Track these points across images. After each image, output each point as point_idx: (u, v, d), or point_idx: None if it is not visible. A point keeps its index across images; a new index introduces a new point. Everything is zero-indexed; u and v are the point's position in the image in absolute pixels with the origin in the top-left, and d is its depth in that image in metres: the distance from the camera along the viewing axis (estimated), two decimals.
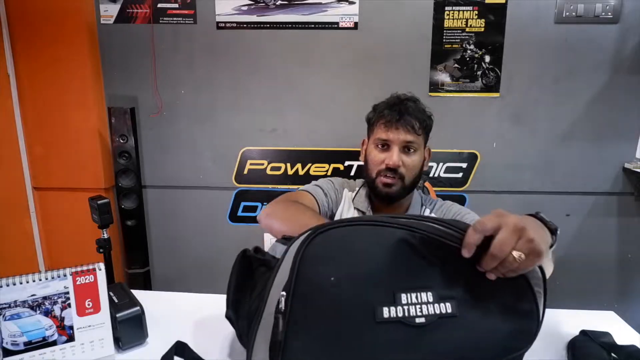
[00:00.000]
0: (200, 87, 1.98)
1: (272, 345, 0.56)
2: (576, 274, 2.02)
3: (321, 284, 0.55)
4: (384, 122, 1.07)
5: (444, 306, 0.57)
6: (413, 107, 1.08)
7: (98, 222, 1.49)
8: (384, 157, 1.06)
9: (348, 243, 0.58)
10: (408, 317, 0.55)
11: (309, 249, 0.57)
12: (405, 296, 0.56)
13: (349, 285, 0.56)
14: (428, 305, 0.56)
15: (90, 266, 0.72)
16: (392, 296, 0.55)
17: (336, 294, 0.55)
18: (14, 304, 0.67)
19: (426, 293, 0.56)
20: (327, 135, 1.99)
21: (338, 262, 0.57)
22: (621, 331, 0.83)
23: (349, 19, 1.89)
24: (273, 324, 0.56)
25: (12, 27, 1.90)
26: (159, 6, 1.91)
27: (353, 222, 0.59)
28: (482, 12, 1.84)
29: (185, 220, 2.11)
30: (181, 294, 0.98)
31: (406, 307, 0.55)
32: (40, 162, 2.03)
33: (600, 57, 1.84)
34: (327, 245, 0.57)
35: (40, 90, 1.95)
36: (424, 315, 0.56)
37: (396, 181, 1.06)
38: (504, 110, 1.92)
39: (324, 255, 0.57)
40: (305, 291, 0.56)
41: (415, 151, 1.07)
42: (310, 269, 0.56)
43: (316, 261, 0.56)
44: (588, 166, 1.93)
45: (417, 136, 1.06)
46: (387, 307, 0.55)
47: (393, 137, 1.05)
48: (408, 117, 1.05)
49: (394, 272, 0.57)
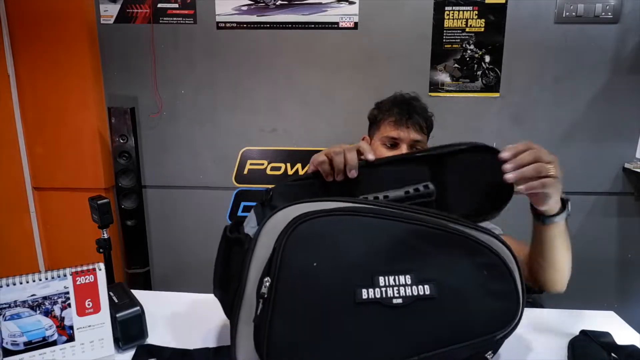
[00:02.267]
0: (200, 87, 1.98)
1: (257, 330, 0.59)
2: (576, 274, 2.00)
3: (304, 270, 0.59)
4: (393, 121, 1.07)
5: (422, 288, 0.61)
6: (419, 107, 1.10)
7: (98, 222, 1.49)
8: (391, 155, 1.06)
9: (329, 232, 0.61)
10: (386, 298, 0.59)
11: (292, 237, 0.59)
12: (384, 279, 0.60)
13: (330, 271, 0.59)
14: (406, 287, 0.60)
15: (90, 266, 0.72)
16: (370, 279, 0.59)
17: (318, 279, 0.59)
18: (14, 304, 0.67)
19: (404, 276, 0.60)
20: (327, 135, 1.99)
21: (320, 250, 0.60)
22: (621, 331, 0.83)
23: (349, 19, 1.89)
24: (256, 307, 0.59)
25: (12, 27, 1.90)
26: (159, 6, 1.91)
27: (334, 212, 0.62)
28: (482, 12, 1.84)
29: (185, 220, 2.11)
30: (181, 294, 0.98)
31: (384, 289, 0.59)
32: (40, 162, 2.03)
33: (600, 57, 1.84)
34: (310, 233, 0.60)
35: (40, 90, 1.95)
36: (402, 297, 0.60)
37: None
38: (504, 110, 1.92)
39: (307, 243, 0.60)
40: (289, 277, 0.58)
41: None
42: (294, 256, 0.59)
43: (299, 248, 0.59)
44: (588, 166, 1.93)
45: (423, 135, 1.09)
46: (365, 289, 0.59)
47: (403, 135, 1.06)
48: (416, 117, 1.07)
49: (373, 258, 0.61)
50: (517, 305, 0.64)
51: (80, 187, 2.01)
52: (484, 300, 0.63)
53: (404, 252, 0.62)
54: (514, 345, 0.77)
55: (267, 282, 0.58)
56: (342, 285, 0.59)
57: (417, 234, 0.62)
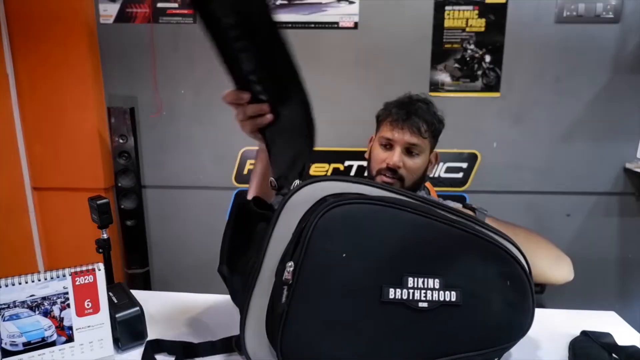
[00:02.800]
0: (200, 87, 1.97)
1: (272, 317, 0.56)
2: (577, 274, 2.01)
3: (332, 260, 0.55)
4: (390, 121, 1.05)
5: (449, 294, 0.59)
6: (423, 109, 1.06)
7: (97, 222, 1.48)
8: (385, 156, 1.05)
9: (363, 221, 0.57)
10: (412, 300, 0.57)
11: (322, 221, 0.55)
12: (412, 280, 0.57)
13: (360, 264, 0.56)
14: (433, 291, 0.58)
15: (89, 266, 0.72)
16: (399, 278, 0.57)
17: (346, 272, 0.56)
18: (13, 304, 0.67)
19: (433, 279, 0.58)
20: (327, 135, 1.99)
21: (352, 240, 0.56)
22: (622, 332, 0.83)
23: (349, 18, 1.88)
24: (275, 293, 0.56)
25: (12, 27, 1.90)
26: (158, 6, 1.91)
27: (372, 201, 0.58)
28: (482, 11, 1.84)
29: (185, 220, 2.10)
30: (181, 294, 0.98)
31: (411, 291, 0.57)
32: (39, 162, 2.03)
33: (600, 56, 1.84)
34: (343, 220, 0.56)
35: (40, 90, 1.95)
36: (427, 301, 0.58)
37: (395, 182, 1.04)
38: (504, 110, 1.92)
39: (339, 229, 0.56)
40: (314, 265, 0.55)
41: (419, 154, 1.05)
42: (323, 243, 0.55)
43: (330, 235, 0.55)
44: (588, 166, 1.93)
45: (422, 139, 1.04)
46: (393, 288, 0.56)
47: (397, 137, 1.03)
48: (415, 119, 1.03)
49: (404, 256, 0.58)
50: (530, 319, 0.64)
51: (80, 187, 2.01)
52: (502, 311, 0.62)
53: (434, 254, 0.59)
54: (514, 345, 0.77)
55: (290, 267, 0.54)
56: (370, 282, 0.56)
57: (449, 235, 0.60)
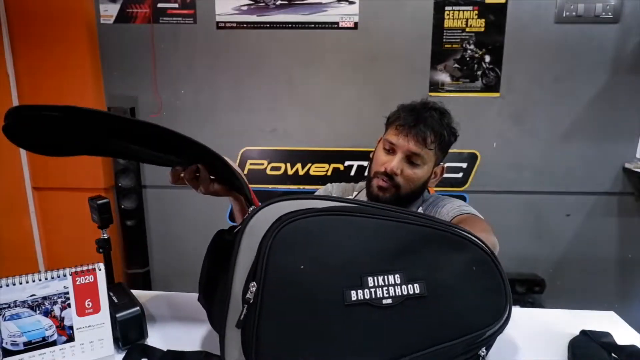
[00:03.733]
0: (200, 87, 1.98)
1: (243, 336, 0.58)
2: (576, 274, 2.02)
3: (291, 273, 0.57)
4: (397, 125, 1.01)
5: (412, 287, 0.60)
6: (434, 118, 1.00)
7: (98, 222, 1.48)
8: (386, 159, 1.01)
9: (315, 233, 0.59)
10: (375, 298, 0.58)
11: (277, 239, 0.58)
12: (372, 279, 0.59)
13: (318, 273, 0.58)
14: (395, 287, 0.59)
15: (90, 266, 0.72)
16: (359, 280, 0.58)
17: (305, 282, 0.58)
18: (13, 304, 0.67)
19: (393, 275, 0.60)
20: (327, 135, 1.99)
21: (307, 252, 0.58)
22: (621, 331, 0.83)
23: (349, 19, 1.88)
24: (241, 312, 0.58)
25: (12, 27, 1.90)
26: (158, 6, 1.91)
27: (321, 212, 0.60)
28: (482, 12, 1.84)
29: (185, 220, 2.11)
30: (181, 294, 0.98)
31: (373, 290, 0.58)
32: (40, 162, 2.03)
33: (600, 57, 1.84)
34: (295, 235, 0.59)
35: (40, 89, 1.95)
36: (391, 297, 0.59)
37: (390, 188, 1.01)
38: (504, 110, 1.92)
39: (293, 244, 0.58)
40: (275, 281, 0.57)
41: (420, 165, 1.01)
42: (280, 259, 0.57)
43: (285, 251, 0.58)
44: (588, 166, 1.93)
45: (426, 150, 0.99)
46: (354, 290, 0.58)
47: (401, 143, 0.99)
48: (423, 128, 0.98)
49: (361, 258, 0.60)
50: (505, 299, 0.64)
51: (80, 187, 2.01)
52: (473, 296, 0.63)
53: (392, 252, 0.61)
54: (514, 345, 0.77)
55: (252, 287, 0.57)
56: (330, 287, 0.58)
57: (405, 232, 0.62)
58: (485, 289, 0.64)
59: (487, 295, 0.64)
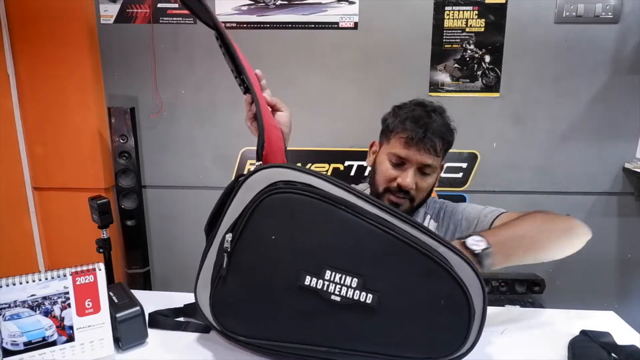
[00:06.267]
0: (200, 87, 1.98)
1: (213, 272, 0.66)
2: (576, 274, 2.02)
3: (262, 239, 0.62)
4: (404, 138, 0.95)
5: (365, 296, 0.60)
6: (439, 123, 0.97)
7: (98, 222, 1.49)
8: (396, 174, 0.96)
9: (298, 212, 0.62)
10: (325, 291, 0.61)
11: (263, 203, 0.62)
12: (330, 273, 0.61)
13: (284, 249, 0.62)
14: (349, 289, 0.60)
15: (90, 266, 0.72)
16: (318, 269, 0.61)
17: (272, 252, 0.62)
18: (13, 304, 0.67)
19: (352, 278, 0.60)
20: (327, 135, 1.99)
21: (283, 225, 0.62)
22: (621, 331, 0.83)
23: (349, 19, 1.88)
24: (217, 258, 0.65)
25: (12, 27, 1.90)
26: (159, 6, 1.91)
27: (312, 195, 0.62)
28: (482, 12, 1.84)
29: (185, 220, 2.11)
30: (181, 294, 0.98)
31: (327, 283, 0.60)
32: (40, 162, 2.03)
33: (600, 57, 1.84)
34: (280, 206, 0.62)
35: (40, 90, 1.95)
36: (340, 296, 0.61)
37: (405, 202, 0.97)
38: (504, 110, 1.92)
39: (274, 214, 0.62)
40: (248, 241, 0.63)
41: (431, 174, 0.98)
42: (258, 223, 0.62)
43: (266, 217, 0.62)
44: (588, 166, 1.93)
45: (436, 158, 0.96)
46: (310, 276, 0.61)
47: (412, 157, 0.95)
48: (432, 137, 0.94)
49: (330, 251, 0.61)
50: (461, 341, 0.61)
51: (80, 187, 2.01)
52: (427, 328, 0.62)
53: (361, 256, 0.61)
54: (514, 345, 0.77)
55: (229, 238, 0.63)
56: (290, 265, 0.61)
57: (384, 242, 0.61)
58: (443, 326, 0.62)
59: (442, 332, 0.62)
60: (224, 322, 0.66)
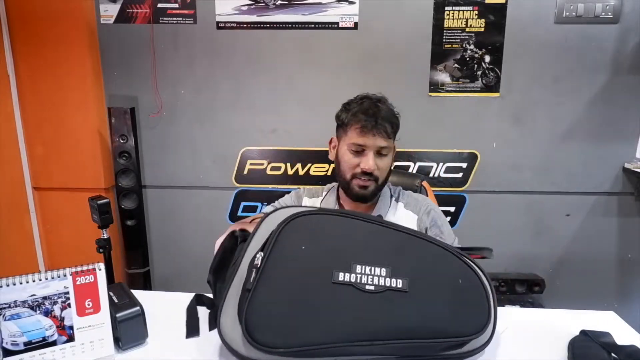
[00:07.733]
0: (200, 87, 1.98)
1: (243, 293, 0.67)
2: (576, 274, 2.02)
3: (293, 250, 0.69)
4: (359, 127, 1.08)
5: (396, 281, 0.68)
6: (385, 111, 1.10)
7: (98, 222, 1.49)
8: (358, 161, 1.08)
9: (320, 225, 0.73)
10: (359, 283, 0.67)
11: (289, 225, 0.71)
12: (360, 267, 0.68)
13: (315, 253, 0.70)
14: (380, 277, 0.68)
15: (90, 266, 0.72)
16: (348, 265, 0.68)
17: (303, 259, 0.69)
18: (14, 304, 0.67)
19: (380, 268, 0.69)
20: (327, 135, 1.97)
21: (309, 237, 0.71)
22: (621, 331, 0.83)
23: (349, 19, 1.89)
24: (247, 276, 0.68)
25: (12, 27, 1.90)
26: (159, 6, 1.91)
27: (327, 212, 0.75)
28: (482, 12, 1.84)
29: (185, 220, 2.11)
30: (181, 294, 0.98)
31: (359, 275, 0.67)
32: (40, 162, 2.03)
33: (600, 57, 1.84)
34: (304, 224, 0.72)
35: (40, 90, 1.95)
36: (374, 285, 0.67)
37: (371, 183, 1.09)
38: (504, 110, 1.92)
39: (299, 230, 0.71)
40: (279, 253, 0.69)
41: (387, 154, 1.11)
42: (287, 239, 0.70)
43: (292, 233, 0.71)
44: (588, 166, 1.93)
45: (389, 140, 1.09)
46: (342, 272, 0.67)
47: (369, 142, 1.07)
48: (382, 123, 1.07)
49: (355, 250, 0.71)
50: (488, 317, 0.68)
51: (80, 187, 2.01)
52: (454, 304, 0.69)
53: (384, 250, 0.71)
54: (514, 344, 0.78)
55: (259, 256, 0.68)
56: (322, 266, 0.68)
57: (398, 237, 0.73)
58: (467, 302, 0.69)
59: (468, 308, 0.69)
60: (260, 337, 0.64)
